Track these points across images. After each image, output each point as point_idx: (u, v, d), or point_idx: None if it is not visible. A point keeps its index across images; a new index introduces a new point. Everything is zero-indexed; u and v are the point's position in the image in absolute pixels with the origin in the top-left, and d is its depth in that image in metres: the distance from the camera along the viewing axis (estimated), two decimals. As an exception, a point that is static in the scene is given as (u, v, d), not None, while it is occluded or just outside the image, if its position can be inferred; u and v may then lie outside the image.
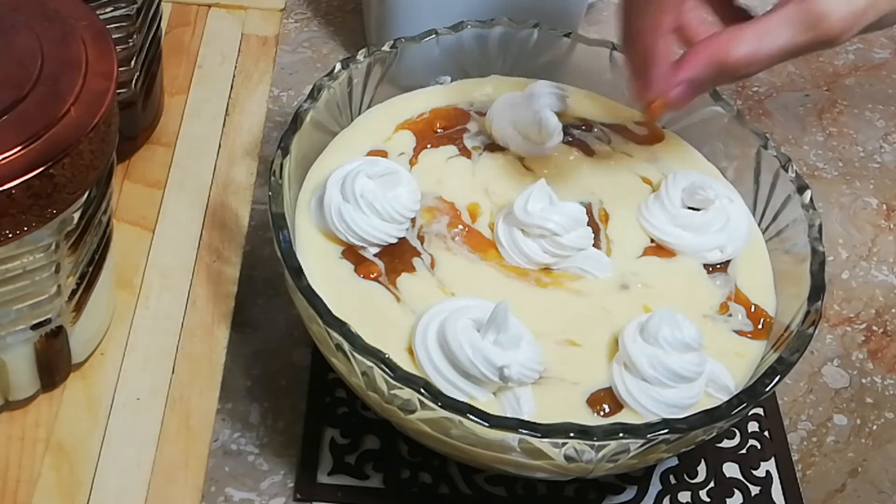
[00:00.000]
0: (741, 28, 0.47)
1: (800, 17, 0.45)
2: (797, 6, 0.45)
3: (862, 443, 0.59)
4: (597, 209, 0.58)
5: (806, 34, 0.45)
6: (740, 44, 0.46)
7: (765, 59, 0.47)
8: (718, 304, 0.54)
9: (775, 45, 0.46)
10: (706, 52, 0.47)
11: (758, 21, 0.47)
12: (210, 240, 0.60)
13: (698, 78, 0.47)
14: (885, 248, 0.69)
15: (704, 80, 0.48)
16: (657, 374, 0.48)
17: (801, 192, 0.55)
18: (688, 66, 0.47)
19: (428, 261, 0.54)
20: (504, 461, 0.47)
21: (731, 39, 0.46)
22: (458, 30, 0.61)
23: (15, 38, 0.45)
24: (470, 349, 0.47)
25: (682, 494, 0.55)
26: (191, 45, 0.71)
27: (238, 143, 0.66)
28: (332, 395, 0.56)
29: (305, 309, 0.48)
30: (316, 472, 0.53)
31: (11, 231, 0.43)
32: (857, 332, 0.64)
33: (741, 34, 0.46)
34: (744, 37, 0.46)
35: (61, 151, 0.42)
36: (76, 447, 0.51)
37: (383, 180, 0.54)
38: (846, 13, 0.45)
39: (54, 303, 0.48)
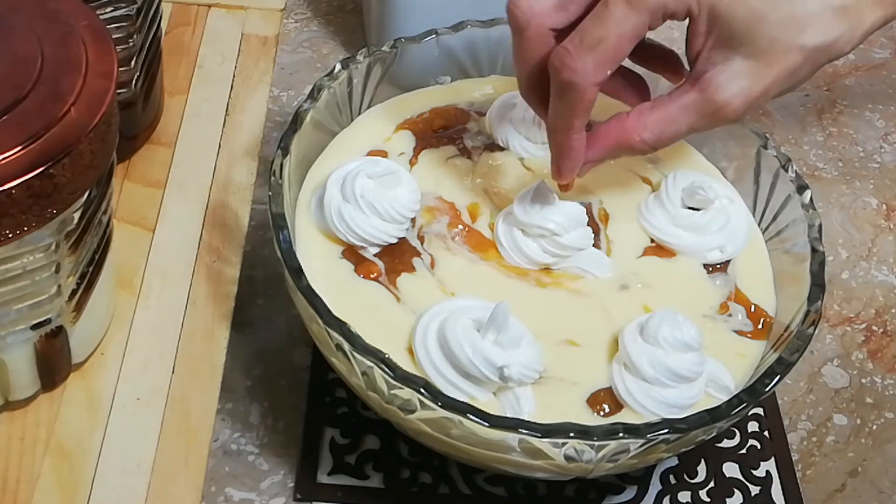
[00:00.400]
0: (645, 114, 0.50)
1: (700, 107, 0.49)
2: (698, 95, 0.49)
3: (862, 443, 0.59)
4: (597, 209, 0.58)
5: (705, 120, 0.50)
6: (644, 130, 0.50)
7: (667, 141, 0.51)
8: (718, 304, 0.54)
9: (677, 131, 0.50)
10: (613, 136, 0.51)
11: (661, 106, 0.50)
12: (210, 240, 0.60)
13: (604, 157, 0.52)
14: (885, 248, 0.69)
15: (610, 158, 0.52)
16: (657, 374, 0.48)
17: (801, 192, 0.55)
18: (596, 149, 0.51)
19: (428, 261, 0.54)
20: (504, 461, 0.47)
21: (637, 126, 0.50)
22: (458, 30, 0.61)
23: (15, 38, 0.45)
24: (470, 349, 0.47)
25: (682, 494, 0.55)
26: (191, 45, 0.71)
27: (238, 143, 0.66)
28: (332, 395, 0.56)
29: (305, 309, 0.48)
30: (316, 472, 0.53)
31: (11, 231, 0.43)
32: (857, 332, 0.64)
33: (646, 121, 0.50)
34: (648, 123, 0.50)
35: (61, 151, 0.42)
36: (76, 447, 0.51)
37: (383, 180, 0.54)
38: (741, 104, 0.48)
39: (54, 303, 0.48)
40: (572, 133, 0.50)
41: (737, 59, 0.48)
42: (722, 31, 0.48)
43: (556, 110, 0.50)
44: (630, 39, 0.47)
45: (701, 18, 0.48)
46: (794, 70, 0.48)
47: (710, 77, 0.48)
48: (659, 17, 0.47)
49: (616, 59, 0.48)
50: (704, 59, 0.49)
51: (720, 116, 0.49)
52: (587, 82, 0.48)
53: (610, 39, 0.47)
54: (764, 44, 0.47)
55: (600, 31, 0.47)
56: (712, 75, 0.48)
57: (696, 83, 0.49)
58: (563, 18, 0.49)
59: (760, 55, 0.48)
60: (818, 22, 0.48)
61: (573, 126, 0.50)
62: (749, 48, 0.48)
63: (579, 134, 0.50)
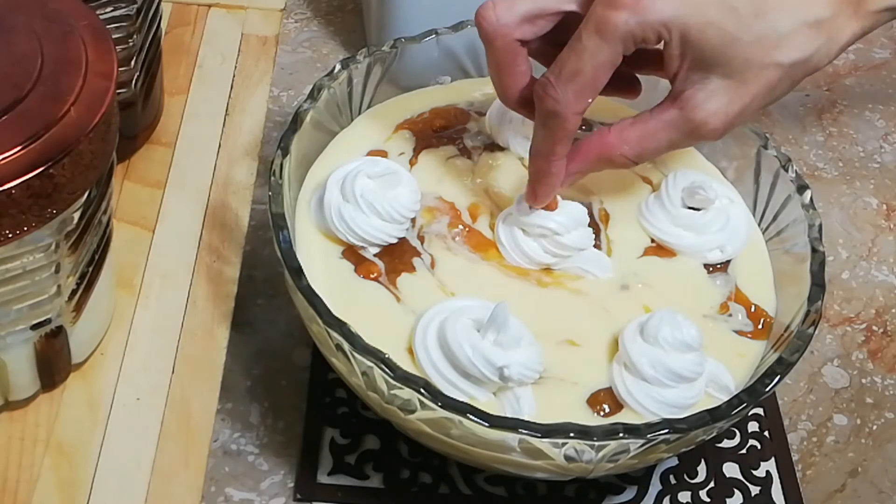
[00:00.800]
0: (625, 128, 0.51)
1: (679, 124, 0.50)
2: (679, 112, 0.50)
3: (862, 443, 0.59)
4: (597, 209, 0.58)
5: (685, 138, 0.51)
6: (625, 145, 0.51)
7: (648, 156, 0.52)
8: (718, 304, 0.54)
9: (657, 147, 0.51)
10: (594, 150, 0.52)
11: (642, 122, 0.51)
12: (210, 240, 0.60)
13: (585, 170, 0.53)
14: (885, 248, 0.69)
15: (591, 171, 0.53)
16: (657, 374, 0.48)
17: (801, 192, 0.55)
18: (577, 162, 0.52)
19: (428, 261, 0.54)
20: (504, 461, 0.47)
21: (617, 141, 0.51)
22: (458, 30, 0.61)
23: (15, 38, 0.45)
24: (470, 349, 0.47)
25: (682, 494, 0.55)
26: (191, 45, 0.71)
27: (238, 143, 0.66)
28: (332, 395, 0.56)
29: (305, 309, 0.48)
30: (316, 472, 0.53)
31: (11, 231, 0.43)
32: (857, 332, 0.64)
33: (627, 136, 0.51)
34: (629, 139, 0.51)
35: (61, 151, 0.42)
36: (76, 447, 0.51)
37: (383, 180, 0.54)
38: (720, 122, 0.49)
39: (54, 303, 0.48)
40: (553, 159, 0.51)
41: (713, 78, 0.49)
42: (695, 54, 0.48)
43: (540, 136, 0.51)
44: (606, 69, 0.48)
45: (673, 43, 0.48)
46: (772, 86, 0.49)
47: (689, 95, 0.49)
48: (631, 45, 0.48)
49: (595, 88, 0.49)
50: (682, 78, 0.49)
51: (699, 134, 0.50)
52: (569, 112, 0.49)
53: (586, 72, 0.48)
54: (739, 64, 0.48)
55: (576, 64, 0.48)
56: (690, 94, 0.49)
57: (676, 101, 0.50)
58: (531, 31, 0.51)
59: (736, 74, 0.48)
60: (793, 39, 0.48)
61: (555, 153, 0.51)
62: (724, 68, 0.48)
63: (560, 161, 0.51)
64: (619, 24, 0.47)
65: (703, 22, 0.47)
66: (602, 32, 0.47)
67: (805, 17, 0.48)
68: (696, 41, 0.48)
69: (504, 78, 0.52)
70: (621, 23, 0.47)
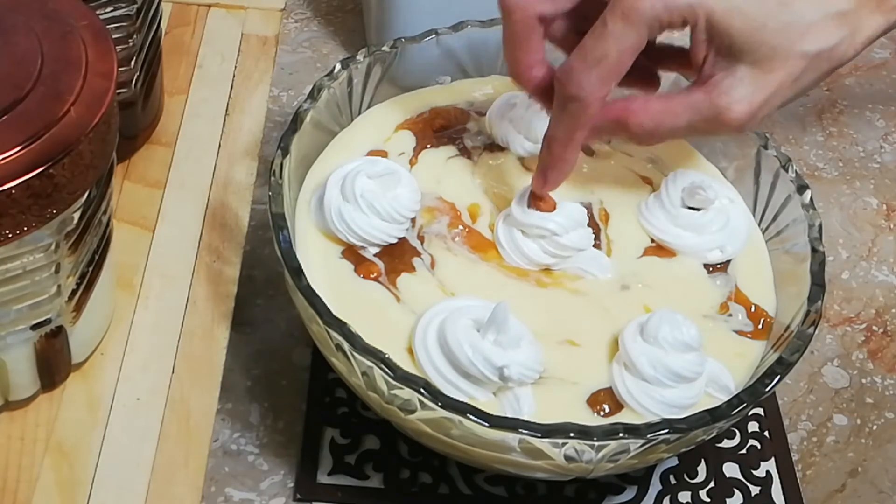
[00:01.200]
0: (651, 100, 0.51)
1: (703, 107, 0.50)
2: (703, 95, 0.50)
3: (862, 443, 0.59)
4: (597, 209, 0.58)
5: (706, 122, 0.50)
6: (645, 115, 0.50)
7: (664, 133, 0.51)
8: (718, 304, 0.54)
9: (675, 125, 0.50)
10: (615, 111, 0.51)
11: (668, 98, 0.52)
12: (210, 240, 0.60)
13: (599, 131, 0.52)
14: (885, 248, 0.69)
15: (604, 134, 0.53)
16: (657, 374, 0.48)
17: (801, 192, 0.55)
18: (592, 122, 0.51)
19: (428, 261, 0.54)
20: (504, 461, 0.47)
21: (639, 108, 0.51)
22: (458, 30, 0.61)
23: (15, 38, 0.45)
24: (470, 349, 0.47)
25: (682, 494, 0.55)
26: (191, 45, 0.71)
27: (238, 143, 0.66)
28: (332, 395, 0.56)
29: (305, 309, 0.48)
30: (316, 472, 0.53)
31: (11, 231, 0.43)
32: (857, 332, 0.64)
33: (650, 107, 0.51)
34: (650, 109, 0.51)
35: (61, 151, 0.42)
36: (76, 447, 0.51)
37: (383, 180, 0.54)
38: (744, 110, 0.49)
39: (54, 303, 0.48)
40: (571, 145, 0.51)
41: (740, 66, 0.49)
42: (722, 40, 0.49)
43: (559, 121, 0.51)
44: (630, 54, 0.48)
45: (699, 28, 0.49)
46: (796, 77, 0.49)
47: (716, 81, 0.49)
48: (656, 29, 0.48)
49: (619, 73, 0.49)
50: (710, 63, 0.50)
51: (721, 121, 0.50)
52: (592, 97, 0.49)
53: (611, 56, 0.48)
54: (764, 52, 0.48)
55: (601, 48, 0.48)
56: (717, 79, 0.49)
57: (703, 84, 0.50)
58: (551, 7, 0.51)
59: (762, 63, 0.49)
60: (817, 28, 0.49)
61: (573, 139, 0.51)
62: (750, 56, 0.48)
63: (576, 147, 0.51)
64: (646, 7, 0.47)
65: (729, 7, 0.48)
66: (628, 16, 0.47)
67: (828, 8, 0.49)
68: (723, 26, 0.48)
69: (518, 53, 0.52)
70: (648, 6, 0.47)
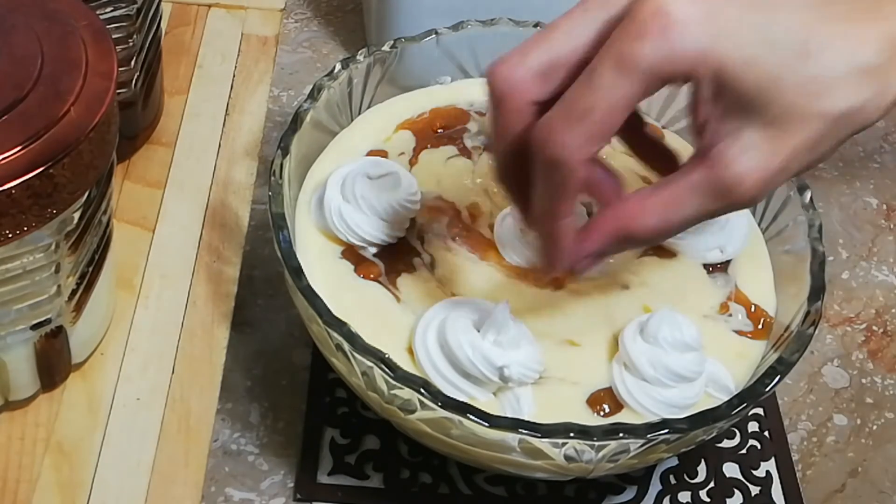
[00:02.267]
0: (647, 196, 0.43)
1: (710, 186, 0.42)
2: (706, 172, 0.42)
3: (862, 443, 0.59)
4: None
5: (716, 203, 0.42)
6: (647, 215, 0.43)
7: (674, 229, 0.44)
8: (718, 304, 0.54)
9: (684, 216, 0.43)
10: (612, 224, 0.44)
11: (665, 187, 0.43)
12: (210, 240, 0.60)
13: (604, 250, 0.45)
14: (885, 248, 0.69)
15: (610, 251, 0.45)
16: (657, 374, 0.49)
17: (801, 192, 0.55)
18: (593, 239, 0.44)
19: (428, 261, 0.54)
20: (504, 461, 0.47)
21: (638, 211, 0.43)
22: (458, 30, 0.61)
23: (15, 38, 0.45)
24: (470, 349, 0.47)
25: (682, 494, 0.55)
26: (191, 45, 0.71)
27: (238, 143, 0.66)
28: (332, 395, 0.56)
29: (305, 309, 0.48)
30: (316, 472, 0.53)
31: (11, 231, 0.43)
32: (857, 332, 0.64)
33: (648, 204, 0.43)
34: (651, 207, 0.43)
35: (61, 151, 0.42)
36: (76, 447, 0.51)
37: (383, 180, 0.54)
38: (756, 181, 0.41)
39: (54, 303, 0.48)
40: (559, 219, 0.44)
41: (749, 129, 0.41)
42: (731, 97, 0.40)
43: (541, 192, 0.43)
44: (622, 110, 0.41)
45: (706, 83, 0.40)
46: (815, 140, 0.41)
47: (720, 151, 0.41)
48: (655, 83, 0.40)
49: (607, 132, 0.41)
50: (712, 130, 0.41)
51: (733, 197, 0.42)
52: (575, 158, 0.41)
53: (599, 110, 0.40)
54: (780, 110, 0.40)
55: (588, 101, 0.40)
56: (721, 149, 0.41)
57: (704, 159, 0.42)
58: (547, 89, 0.43)
59: (776, 123, 0.41)
60: (843, 84, 0.40)
61: (560, 211, 0.43)
62: (763, 116, 0.40)
63: (567, 219, 0.44)
64: (644, 55, 0.39)
65: (741, 56, 0.40)
66: (622, 64, 0.39)
67: (856, 61, 0.40)
68: (734, 80, 0.40)
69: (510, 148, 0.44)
70: (646, 54, 0.39)
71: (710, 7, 0.40)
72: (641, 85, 0.40)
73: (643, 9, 0.40)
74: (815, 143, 0.41)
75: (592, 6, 0.42)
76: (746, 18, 0.40)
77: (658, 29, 0.39)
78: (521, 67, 0.43)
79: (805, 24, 0.40)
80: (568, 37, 0.42)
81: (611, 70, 0.40)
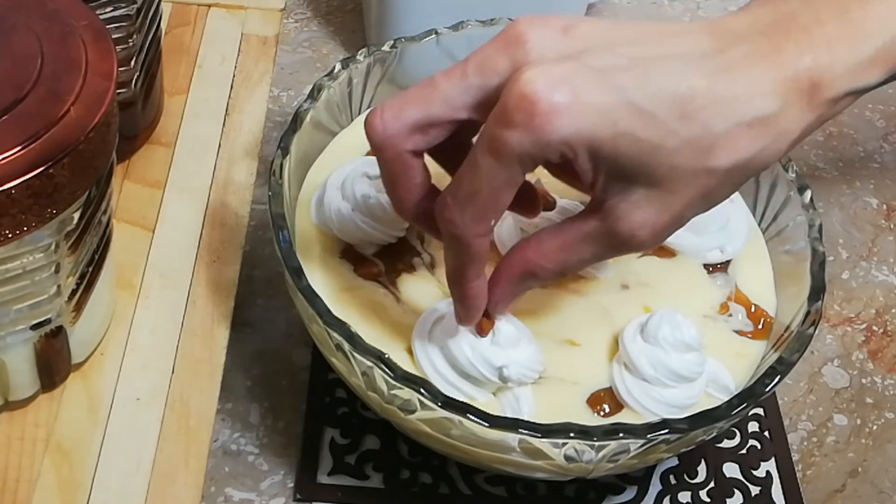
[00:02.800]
0: (545, 241, 0.45)
1: (602, 237, 0.44)
2: (599, 224, 0.43)
3: (862, 443, 0.59)
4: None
5: (611, 250, 0.45)
6: (546, 260, 0.45)
7: (573, 269, 0.48)
8: (718, 304, 0.54)
9: (581, 259, 0.45)
10: (517, 268, 0.46)
11: (561, 233, 0.45)
12: (210, 240, 0.60)
13: (514, 292, 0.47)
14: (885, 248, 0.69)
15: (519, 290, 0.47)
16: (657, 374, 0.49)
17: (801, 192, 0.55)
18: (501, 286, 0.47)
19: (428, 261, 0.54)
20: (504, 461, 0.47)
21: (537, 255, 0.45)
22: (457, 30, 0.61)
23: (15, 38, 0.45)
24: (469, 349, 0.47)
25: (682, 494, 0.55)
26: (191, 45, 0.71)
27: (238, 143, 0.66)
28: (332, 395, 0.56)
29: (305, 309, 0.48)
30: (316, 472, 0.53)
31: (11, 231, 0.42)
32: (857, 332, 0.64)
33: (545, 249, 0.45)
34: (548, 253, 0.45)
35: (61, 151, 0.42)
36: (76, 447, 0.51)
37: (383, 180, 0.54)
38: (648, 234, 0.43)
39: (54, 303, 0.48)
40: (467, 283, 0.46)
41: (636, 189, 0.42)
42: (609, 167, 0.41)
43: (448, 260, 0.46)
44: (505, 191, 0.42)
45: (581, 160, 0.41)
46: (708, 192, 0.43)
47: (611, 207, 0.43)
48: (529, 166, 0.41)
49: (496, 209, 0.43)
50: (601, 188, 0.42)
51: (628, 247, 0.44)
52: (470, 235, 0.43)
53: (483, 192, 0.42)
54: (664, 173, 0.41)
55: (473, 185, 0.42)
56: (612, 204, 0.43)
57: (597, 212, 0.43)
58: (423, 141, 0.44)
59: (663, 184, 0.41)
60: (729, 140, 0.41)
61: (466, 276, 0.46)
62: (647, 178, 0.41)
63: (476, 282, 0.46)
64: (513, 144, 0.40)
65: (613, 133, 0.40)
66: (495, 153, 0.41)
67: (741, 116, 0.41)
68: (608, 154, 0.41)
69: (397, 191, 0.46)
70: (515, 143, 0.40)
71: (575, 87, 0.40)
72: (518, 168, 0.41)
73: (510, 95, 0.40)
74: (707, 194, 0.43)
75: (471, 72, 0.43)
76: (618, 91, 0.40)
77: (523, 119, 0.40)
78: (395, 122, 0.44)
79: (690, 81, 0.41)
80: (444, 98, 0.44)
81: (487, 156, 0.41)
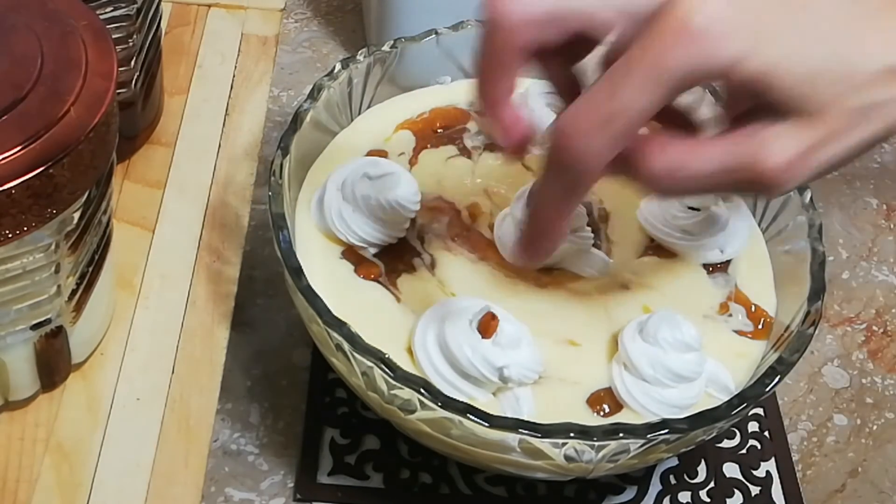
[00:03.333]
0: (674, 140, 0.41)
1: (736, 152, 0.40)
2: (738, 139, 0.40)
3: (862, 443, 0.59)
4: (596, 209, 0.58)
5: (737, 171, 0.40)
6: (659, 158, 0.40)
7: (684, 180, 0.40)
8: (718, 304, 0.54)
9: (700, 170, 0.40)
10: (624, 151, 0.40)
11: (694, 139, 0.42)
12: (210, 240, 0.60)
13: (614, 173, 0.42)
14: (885, 248, 0.69)
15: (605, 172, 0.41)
16: (657, 374, 0.48)
17: (801, 192, 0.55)
18: None
19: (428, 261, 0.54)
20: (504, 461, 0.47)
21: (654, 150, 0.40)
22: (457, 30, 0.61)
23: (15, 38, 0.45)
24: (469, 350, 0.47)
25: (682, 494, 0.55)
26: (191, 45, 0.71)
27: (238, 143, 0.66)
28: (332, 395, 0.56)
29: (305, 309, 0.48)
30: (316, 472, 0.53)
31: (11, 231, 0.43)
32: (857, 332, 0.64)
33: (669, 147, 0.40)
34: (668, 152, 0.40)
35: (61, 151, 0.42)
36: (76, 447, 0.51)
37: (383, 180, 0.54)
38: (783, 162, 0.39)
39: (54, 303, 0.48)
40: (561, 219, 0.42)
41: (782, 119, 0.39)
42: (767, 96, 0.39)
43: (549, 189, 0.41)
44: (647, 116, 0.38)
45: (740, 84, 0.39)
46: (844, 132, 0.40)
47: (754, 129, 0.40)
48: (685, 89, 0.38)
49: (629, 137, 0.39)
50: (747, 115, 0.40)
51: (757, 170, 0.40)
52: (596, 164, 0.39)
53: (623, 117, 0.38)
54: (811, 107, 0.39)
55: (611, 107, 0.38)
56: (756, 128, 0.40)
57: (738, 130, 0.40)
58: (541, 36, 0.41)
59: (806, 117, 0.39)
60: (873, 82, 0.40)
61: (564, 211, 0.42)
62: (797, 109, 0.39)
63: (569, 216, 0.42)
64: (676, 64, 0.37)
65: (777, 60, 0.38)
66: (652, 73, 0.37)
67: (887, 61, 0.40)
68: (767, 84, 0.39)
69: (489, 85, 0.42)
70: (680, 63, 0.37)
71: (744, 6, 0.38)
72: (671, 92, 0.38)
73: (675, 11, 0.37)
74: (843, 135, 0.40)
75: None
76: (780, 17, 0.39)
77: (693, 35, 0.37)
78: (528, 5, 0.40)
79: (840, 21, 0.40)
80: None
81: (640, 78, 0.37)
